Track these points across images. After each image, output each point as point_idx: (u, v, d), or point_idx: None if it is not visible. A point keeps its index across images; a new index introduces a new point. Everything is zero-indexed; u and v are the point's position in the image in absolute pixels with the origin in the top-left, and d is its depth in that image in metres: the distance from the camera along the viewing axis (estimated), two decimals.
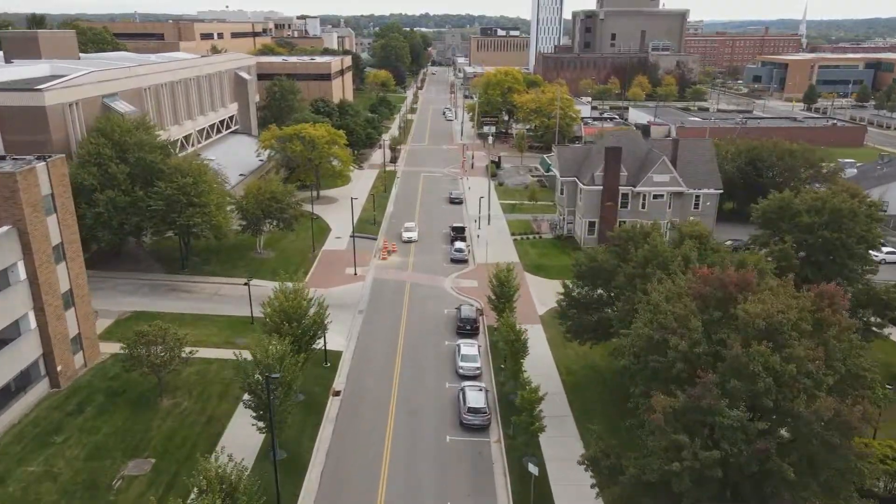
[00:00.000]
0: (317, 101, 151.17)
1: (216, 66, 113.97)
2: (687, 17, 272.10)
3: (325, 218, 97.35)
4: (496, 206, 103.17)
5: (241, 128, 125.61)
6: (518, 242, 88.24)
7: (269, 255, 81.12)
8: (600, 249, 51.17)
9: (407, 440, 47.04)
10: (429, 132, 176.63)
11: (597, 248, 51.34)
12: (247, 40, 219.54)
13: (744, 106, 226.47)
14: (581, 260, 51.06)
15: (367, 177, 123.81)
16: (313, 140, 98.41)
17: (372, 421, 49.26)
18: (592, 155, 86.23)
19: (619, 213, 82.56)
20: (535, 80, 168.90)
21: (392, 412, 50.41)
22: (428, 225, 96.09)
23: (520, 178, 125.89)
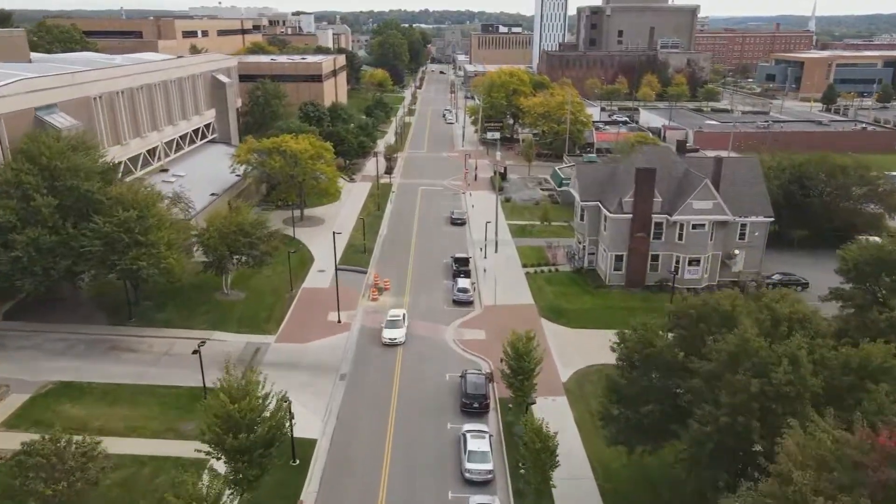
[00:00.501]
0: (306, 104, 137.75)
1: (189, 69, 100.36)
2: (697, 13, 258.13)
3: (309, 244, 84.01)
4: (503, 228, 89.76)
5: (219, 136, 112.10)
6: (531, 277, 74.84)
7: (237, 296, 67.73)
8: (654, 326, 37.77)
9: None
10: (428, 137, 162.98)
11: (649, 324, 37.90)
12: (235, 38, 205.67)
13: (759, 107, 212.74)
14: (629, 340, 37.67)
15: (358, 191, 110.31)
16: (295, 155, 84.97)
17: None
18: (619, 175, 72.80)
19: (651, 245, 69.26)
20: (542, 82, 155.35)
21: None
22: (426, 254, 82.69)
23: (528, 191, 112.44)
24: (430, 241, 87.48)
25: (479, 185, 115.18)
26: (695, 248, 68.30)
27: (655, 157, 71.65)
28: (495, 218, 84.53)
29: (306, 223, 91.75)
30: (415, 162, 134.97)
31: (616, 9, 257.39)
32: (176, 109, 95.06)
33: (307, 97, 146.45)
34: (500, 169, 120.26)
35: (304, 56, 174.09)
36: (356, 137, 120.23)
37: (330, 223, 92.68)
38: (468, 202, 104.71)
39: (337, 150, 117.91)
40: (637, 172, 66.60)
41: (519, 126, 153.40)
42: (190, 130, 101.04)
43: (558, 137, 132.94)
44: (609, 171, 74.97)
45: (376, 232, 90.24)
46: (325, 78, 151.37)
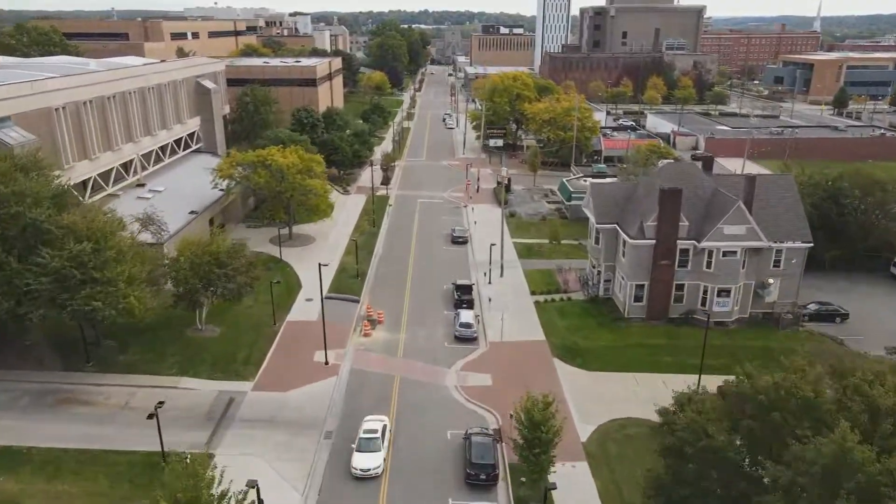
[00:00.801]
0: (299, 110, 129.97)
1: (170, 75, 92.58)
2: (703, 13, 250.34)
3: (297, 267, 76.31)
4: (509, 247, 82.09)
5: (204, 146, 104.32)
6: (541, 307, 67.12)
7: (213, 332, 60.00)
8: (708, 410, 30.05)
9: None
10: (427, 144, 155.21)
11: (703, 411, 30.15)
12: (227, 40, 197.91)
13: (769, 110, 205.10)
14: (676, 425, 29.94)
15: (353, 204, 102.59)
16: (282, 170, 77.25)
17: None
18: (638, 195, 65.13)
19: (676, 274, 61.59)
20: (547, 86, 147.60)
21: None
22: (425, 279, 74.95)
23: (534, 204, 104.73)
24: (429, 263, 79.78)
25: (481, 198, 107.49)
26: (725, 278, 60.63)
27: (680, 175, 63.91)
28: (500, 240, 76.70)
29: (295, 242, 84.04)
30: (413, 171, 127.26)
31: (620, 9, 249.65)
32: (155, 118, 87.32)
33: (301, 102, 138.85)
34: (504, 180, 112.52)
35: (299, 59, 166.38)
36: (351, 146, 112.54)
37: (321, 242, 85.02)
38: (470, 217, 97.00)
39: (330, 159, 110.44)
40: (661, 194, 58.92)
41: (523, 133, 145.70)
42: (171, 141, 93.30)
43: (565, 145, 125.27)
44: (627, 190, 67.24)
45: (371, 252, 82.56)
46: (319, 82, 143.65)
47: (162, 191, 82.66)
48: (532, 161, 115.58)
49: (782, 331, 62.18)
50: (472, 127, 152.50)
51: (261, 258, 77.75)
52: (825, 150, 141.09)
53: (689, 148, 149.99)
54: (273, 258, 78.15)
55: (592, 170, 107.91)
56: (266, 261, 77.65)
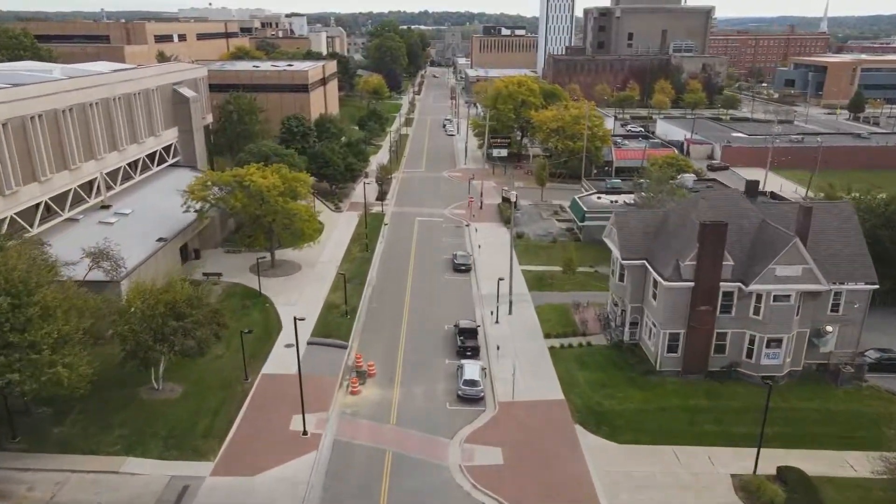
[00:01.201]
0: (289, 118, 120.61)
1: (141, 83, 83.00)
2: (712, 14, 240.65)
3: (278, 302, 66.80)
4: (517, 276, 72.18)
5: (183, 160, 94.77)
6: (557, 354, 57.55)
7: (172, 391, 50.43)
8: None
9: None
10: (426, 152, 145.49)
11: None
12: (217, 42, 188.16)
13: (783, 115, 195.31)
14: None
15: (345, 223, 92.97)
16: (261, 192, 67.65)
17: None
18: (671, 226, 55.58)
19: (717, 321, 52.04)
20: (554, 92, 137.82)
21: None
22: (424, 317, 65.30)
23: (543, 223, 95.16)
24: (428, 296, 70.13)
25: (485, 215, 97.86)
26: (776, 326, 51.05)
27: (719, 203, 54.31)
28: (509, 273, 66.95)
29: (278, 271, 74.48)
30: (411, 184, 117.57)
31: (626, 10, 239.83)
32: (122, 132, 77.73)
33: (292, 109, 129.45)
34: (511, 195, 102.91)
35: (291, 63, 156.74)
36: (344, 159, 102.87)
37: (307, 271, 75.40)
38: (473, 239, 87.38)
39: (322, 173, 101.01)
40: (702, 229, 49.31)
41: (528, 141, 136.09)
42: (143, 156, 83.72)
43: (574, 156, 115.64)
44: (657, 220, 57.60)
45: (363, 282, 72.95)
46: (311, 87, 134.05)
47: (129, 213, 73.27)
48: (540, 174, 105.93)
49: (841, 387, 52.63)
50: (475, 134, 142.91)
51: (236, 291, 68.54)
52: (849, 159, 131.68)
53: (703, 157, 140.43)
54: (251, 291, 68.62)
55: (606, 185, 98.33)
56: (243, 294, 68.36)
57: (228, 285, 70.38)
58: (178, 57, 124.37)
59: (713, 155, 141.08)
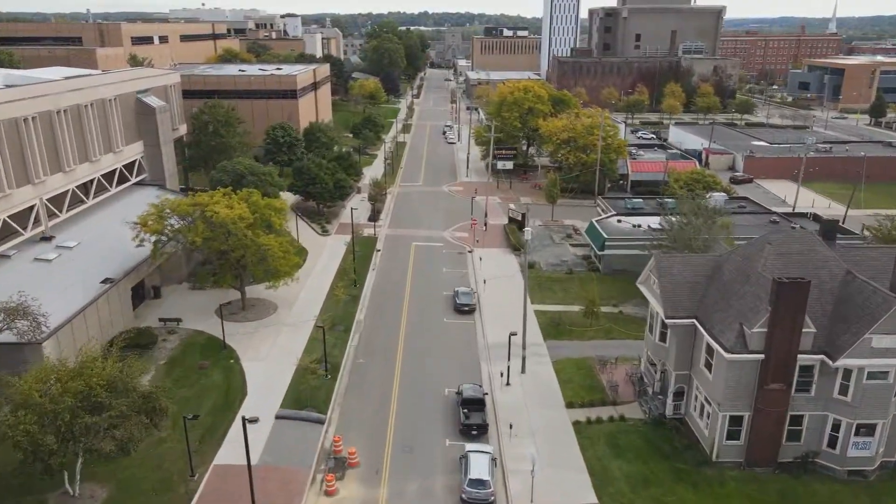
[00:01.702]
0: (274, 128, 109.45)
1: (96, 92, 71.44)
2: (723, 14, 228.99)
3: (244, 356, 55.35)
4: (530, 319, 60.50)
5: (150, 178, 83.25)
6: (582, 432, 46.01)
7: (93, 497, 38.87)
8: None
9: None
10: (425, 163, 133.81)
11: None
12: (204, 44, 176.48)
13: (800, 120, 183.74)
14: None
15: (332, 251, 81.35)
16: (225, 225, 56.10)
17: None
18: (726, 276, 44.01)
19: (792, 401, 40.51)
20: (563, 98, 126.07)
21: None
22: (419, 379, 53.71)
23: (556, 249, 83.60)
24: (425, 348, 58.54)
25: (490, 238, 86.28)
26: (869, 410, 39.56)
27: (792, 250, 42.72)
28: (523, 321, 55.35)
29: (248, 314, 62.93)
30: (408, 200, 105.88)
31: (633, 10, 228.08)
32: (69, 149, 66.20)
33: (280, 117, 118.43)
34: (516, 212, 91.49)
35: (281, 66, 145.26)
36: (332, 175, 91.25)
37: (283, 313, 63.84)
38: (477, 270, 75.80)
39: (307, 191, 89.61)
40: (777, 288, 37.76)
41: (535, 150, 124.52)
42: (97, 175, 72.16)
43: (586, 169, 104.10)
44: (708, 268, 45.97)
45: (349, 328, 61.38)
46: (300, 93, 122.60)
47: (73, 247, 61.73)
48: (550, 191, 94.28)
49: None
50: (476, 143, 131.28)
51: (196, 342, 57.01)
52: (883, 171, 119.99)
53: (724, 168, 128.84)
54: (214, 341, 57.10)
55: (625, 205, 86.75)
56: (205, 346, 56.81)
57: (188, 334, 58.87)
58: (152, 61, 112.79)
59: (734, 166, 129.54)
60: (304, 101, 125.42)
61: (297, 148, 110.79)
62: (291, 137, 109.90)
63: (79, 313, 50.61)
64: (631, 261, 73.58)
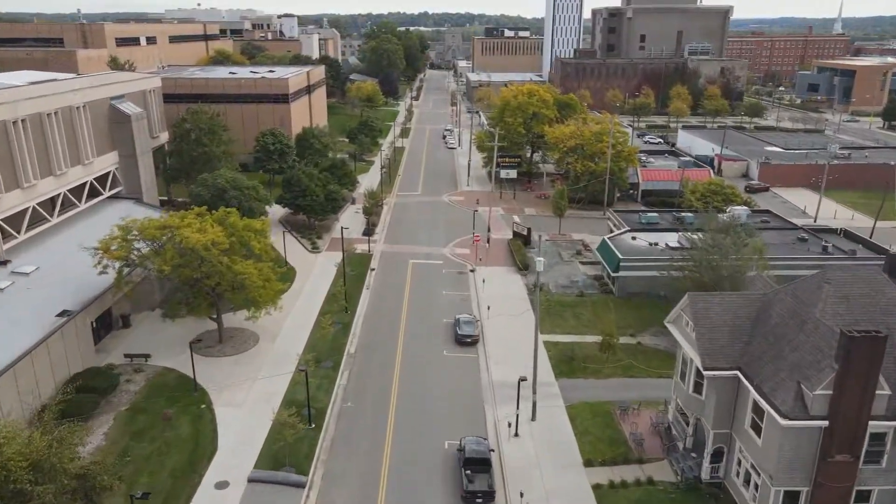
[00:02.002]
0: (264, 135, 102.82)
1: (61, 99, 64.70)
2: (730, 14, 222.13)
3: (218, 400, 48.76)
4: (539, 351, 53.64)
5: (125, 191, 76.55)
6: (603, 498, 39.27)
7: None
8: None
9: None
10: (424, 170, 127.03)
11: None
12: (195, 46, 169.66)
13: (811, 124, 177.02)
14: None
15: (323, 270, 74.64)
16: (195, 251, 49.36)
17: None
18: (774, 320, 37.25)
19: (859, 475, 33.77)
20: (569, 102, 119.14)
21: None
22: (417, 424, 46.89)
23: (565, 267, 76.85)
24: (422, 389, 51.76)
25: (494, 256, 79.53)
26: None
27: (854, 291, 36.00)
28: (533, 366, 48.54)
29: (226, 347, 56.22)
30: (406, 212, 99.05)
31: (638, 10, 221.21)
32: (30, 162, 59.49)
33: (271, 122, 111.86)
34: (521, 226, 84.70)
35: (273, 69, 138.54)
36: (324, 186, 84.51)
37: (265, 346, 57.15)
38: (480, 293, 69.04)
39: (298, 204, 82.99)
40: (847, 343, 31.01)
41: (540, 157, 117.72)
42: (63, 190, 65.46)
43: (595, 179, 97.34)
44: (752, 309, 39.18)
45: (336, 365, 54.63)
46: (293, 97, 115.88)
47: (31, 272, 54.97)
48: (557, 203, 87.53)
49: None
50: (478, 149, 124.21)
51: (164, 383, 50.34)
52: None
53: (737, 176, 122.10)
54: (185, 381, 50.39)
55: (639, 220, 79.88)
56: (174, 388, 50.14)
57: (157, 372, 52.16)
58: (134, 63, 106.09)
59: (748, 173, 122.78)
60: (297, 106, 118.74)
61: (288, 156, 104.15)
62: (282, 144, 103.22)
63: (24, 356, 43.86)
64: (648, 283, 67.12)
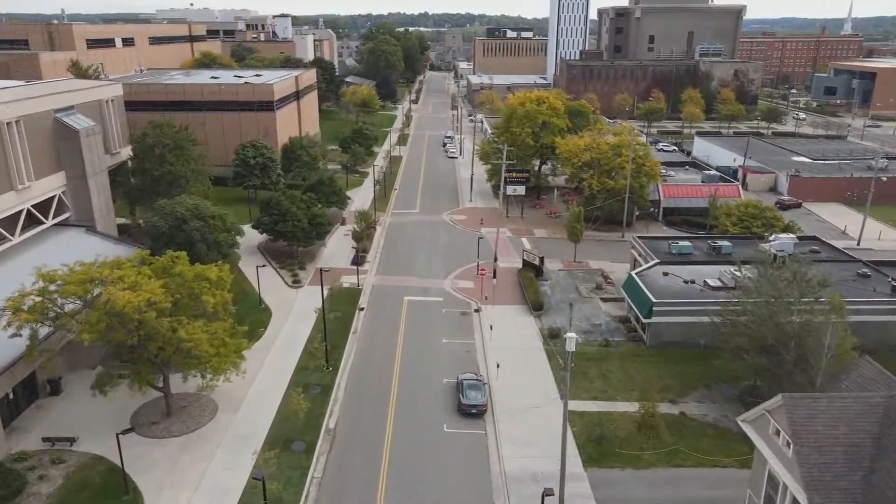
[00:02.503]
0: (245, 147, 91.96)
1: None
2: (743, 14, 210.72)
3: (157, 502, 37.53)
4: (567, 439, 42.54)
5: (74, 217, 65.40)
6: None
7: None
8: None
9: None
10: (423, 183, 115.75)
11: None
12: (179, 47, 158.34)
13: (833, 130, 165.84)
14: None
15: (302, 309, 63.45)
16: (124, 315, 38.18)
17: None
18: (884, 429, 26.07)
19: None
20: (580, 109, 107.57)
21: None
22: None
23: (585, 305, 65.66)
24: (415, 486, 40.59)
25: (502, 291, 68.18)
26: None
27: None
28: (561, 461, 37.41)
29: (175, 423, 45.05)
30: (401, 235, 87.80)
31: (647, 10, 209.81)
32: None
33: (255, 132, 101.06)
34: (535, 258, 73.39)
35: (261, 72, 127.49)
36: (308, 208, 73.32)
37: (224, 419, 46.01)
38: (487, 341, 57.88)
39: (278, 230, 71.98)
40: None
41: (550, 170, 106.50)
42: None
43: (614, 198, 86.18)
44: (874, 418, 28.00)
45: (310, 448, 43.49)
46: (278, 105, 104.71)
47: None
48: (573, 227, 76.26)
49: None
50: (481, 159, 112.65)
51: (88, 480, 39.20)
52: None
53: (764, 190, 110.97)
54: (116, 475, 39.20)
55: (669, 249, 68.62)
56: (99, 489, 38.98)
57: (80, 464, 40.99)
58: (102, 67, 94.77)
59: (776, 187, 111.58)
60: (283, 113, 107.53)
61: (271, 170, 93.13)
62: (265, 158, 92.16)
63: None
64: (685, 330, 56.30)
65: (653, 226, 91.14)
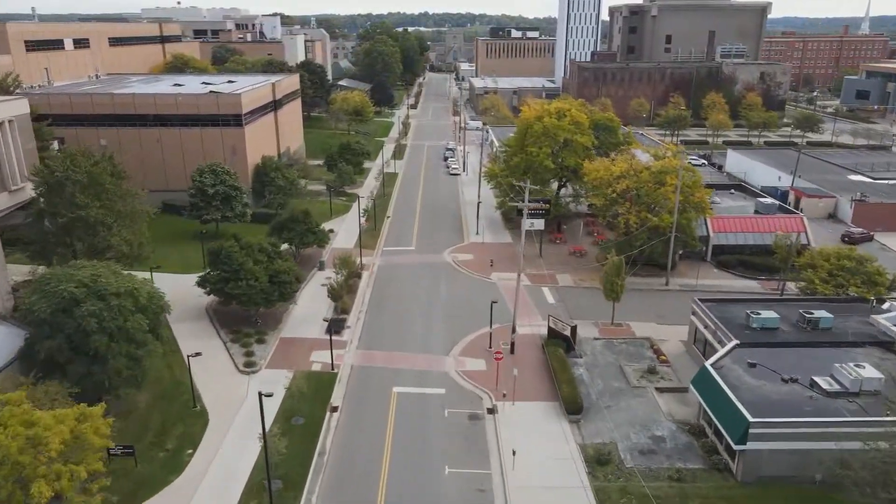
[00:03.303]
0: (201, 173, 74.14)
1: None
2: (768, 12, 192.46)
3: None
4: None
5: None
6: None
7: None
8: None
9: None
10: (420, 211, 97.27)
11: None
12: (147, 49, 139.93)
13: (875, 139, 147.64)
14: None
15: (249, 418, 45.17)
16: None
17: None
18: None
19: None
20: (608, 124, 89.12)
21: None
22: None
23: (636, 402, 47.64)
24: None
25: (524, 381, 49.72)
26: None
27: None
28: None
29: None
30: (392, 285, 69.51)
31: (664, 7, 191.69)
32: None
33: (219, 152, 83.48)
34: (565, 327, 55.24)
35: (234, 78, 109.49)
36: (268, 264, 55.19)
37: None
38: (508, 472, 39.88)
39: (227, 292, 53.88)
40: None
41: (572, 196, 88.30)
42: None
43: (657, 235, 68.03)
44: None
45: None
46: (249, 118, 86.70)
47: None
48: (612, 282, 58.06)
49: None
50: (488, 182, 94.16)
51: None
52: None
53: (822, 216, 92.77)
54: None
55: (750, 323, 50.49)
56: None
57: None
58: (17, 77, 76.25)
59: (836, 212, 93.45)
60: (255, 128, 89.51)
61: (235, 201, 75.21)
62: (227, 186, 74.25)
63: None
64: (798, 461, 38.68)
65: (702, 268, 73.21)
